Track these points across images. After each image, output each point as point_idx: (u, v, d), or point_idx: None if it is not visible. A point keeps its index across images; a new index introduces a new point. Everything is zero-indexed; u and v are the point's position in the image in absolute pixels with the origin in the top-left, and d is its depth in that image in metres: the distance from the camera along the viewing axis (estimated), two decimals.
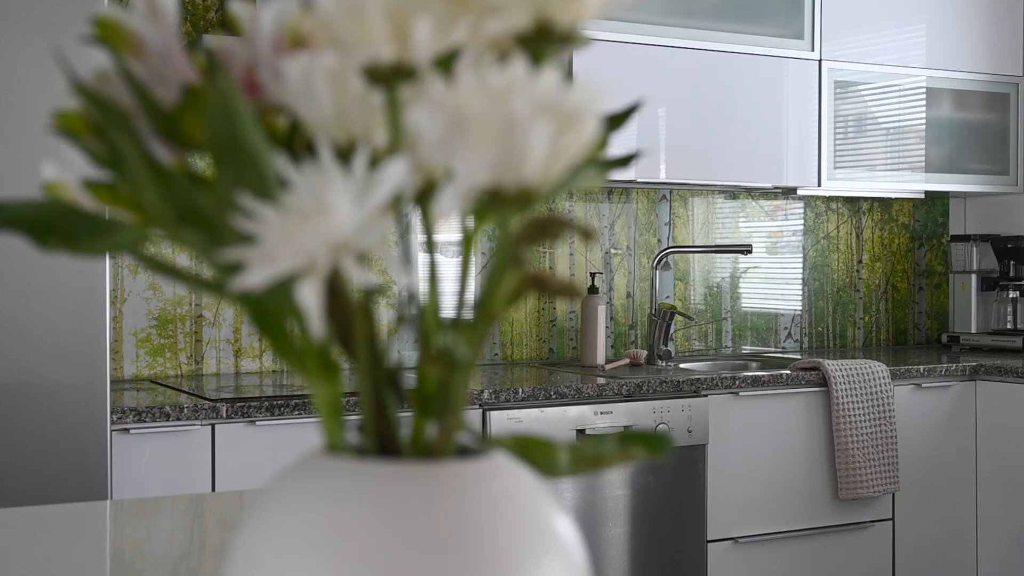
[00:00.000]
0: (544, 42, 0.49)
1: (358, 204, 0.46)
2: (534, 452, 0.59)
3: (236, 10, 0.54)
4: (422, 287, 0.55)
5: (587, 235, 0.50)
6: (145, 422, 2.64)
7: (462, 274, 0.55)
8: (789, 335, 4.52)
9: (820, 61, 4.08)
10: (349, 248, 0.46)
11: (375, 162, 0.50)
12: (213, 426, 2.74)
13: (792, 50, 4.03)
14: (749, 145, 3.95)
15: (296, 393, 2.92)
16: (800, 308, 4.55)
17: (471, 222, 0.52)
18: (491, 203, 0.48)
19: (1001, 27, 4.49)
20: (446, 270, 0.55)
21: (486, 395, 3.11)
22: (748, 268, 4.43)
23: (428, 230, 0.53)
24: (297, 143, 0.54)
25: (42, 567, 1.48)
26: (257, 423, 2.78)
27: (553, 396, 3.21)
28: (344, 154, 0.50)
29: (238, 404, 2.76)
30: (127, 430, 2.66)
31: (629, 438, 0.62)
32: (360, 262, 0.51)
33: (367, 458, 0.56)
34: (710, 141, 3.88)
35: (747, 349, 4.42)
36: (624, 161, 0.61)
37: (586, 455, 0.60)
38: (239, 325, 3.43)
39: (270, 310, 0.51)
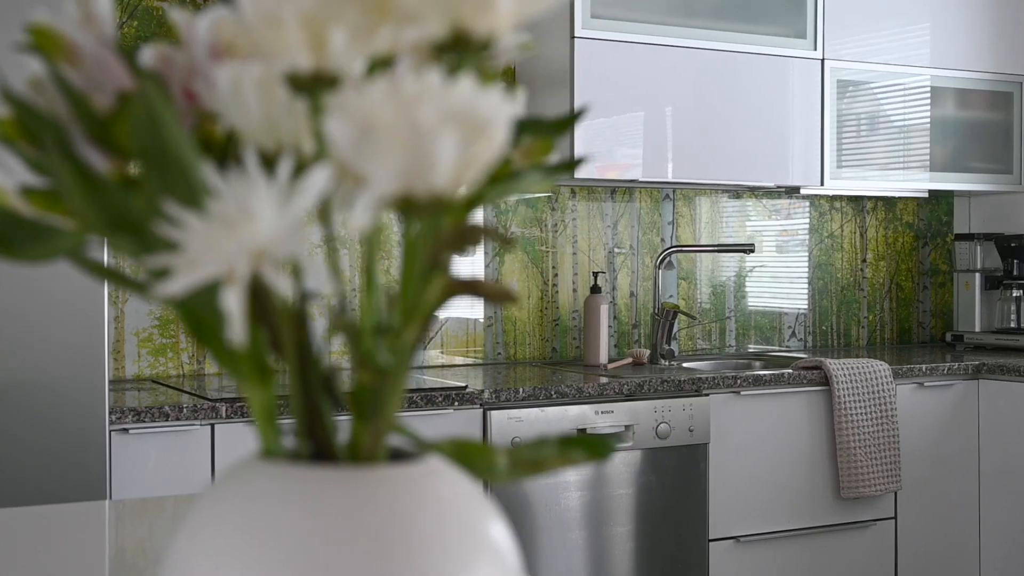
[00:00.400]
0: (462, 51, 0.49)
1: (281, 211, 0.47)
2: (472, 456, 0.59)
3: (174, 17, 0.54)
4: (353, 293, 0.55)
5: (506, 242, 0.50)
6: (144, 422, 2.65)
7: (368, 279, 0.55)
8: (793, 334, 4.52)
9: (823, 60, 4.08)
10: (269, 255, 0.47)
11: (303, 169, 0.51)
12: (212, 426, 2.75)
13: (794, 49, 4.03)
14: (752, 144, 3.95)
15: None
16: (804, 307, 4.55)
17: (378, 227, 0.52)
18: (404, 211, 0.49)
19: (1005, 26, 4.48)
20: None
21: (486, 395, 3.11)
22: (754, 267, 4.43)
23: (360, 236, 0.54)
24: (233, 151, 0.54)
25: (42, 567, 1.49)
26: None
27: (554, 396, 3.22)
28: (274, 162, 0.50)
29: (238, 404, 2.77)
30: (126, 430, 2.67)
31: (569, 442, 0.62)
32: (291, 268, 0.52)
33: (299, 463, 0.56)
34: (713, 140, 3.88)
35: (753, 348, 4.42)
36: (569, 166, 0.62)
37: (525, 459, 0.60)
38: None
39: (202, 316, 0.52)
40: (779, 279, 4.51)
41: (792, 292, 4.54)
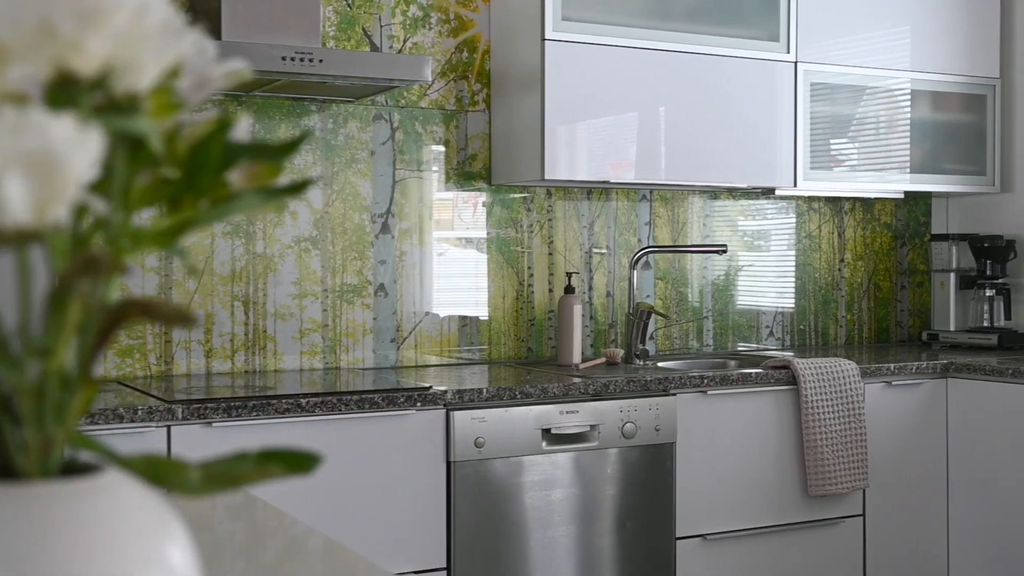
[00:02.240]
0: (72, 89, 0.54)
1: None
2: (163, 471, 0.61)
3: None
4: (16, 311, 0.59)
5: (121, 270, 0.55)
6: (99, 424, 2.70)
7: (23, 299, 0.58)
8: (771, 333, 4.57)
9: (796, 63, 4.12)
10: None
11: None
12: (168, 428, 2.80)
13: (768, 52, 4.07)
14: (726, 146, 4.00)
15: (254, 395, 2.98)
16: (783, 306, 4.60)
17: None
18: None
19: (979, 29, 4.52)
20: None
21: (449, 396, 3.17)
22: (741, 268, 4.48)
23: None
24: None
25: None
26: (214, 424, 2.85)
27: (518, 396, 3.27)
28: None
29: (194, 406, 2.82)
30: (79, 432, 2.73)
31: (269, 455, 0.64)
32: None
33: None
34: (687, 142, 3.93)
35: (741, 347, 4.47)
36: (295, 189, 0.64)
37: (220, 473, 0.62)
38: (210, 326, 3.50)
39: None
40: (758, 279, 4.55)
41: (771, 292, 4.59)
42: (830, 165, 4.23)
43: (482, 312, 3.97)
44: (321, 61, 3.12)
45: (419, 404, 3.11)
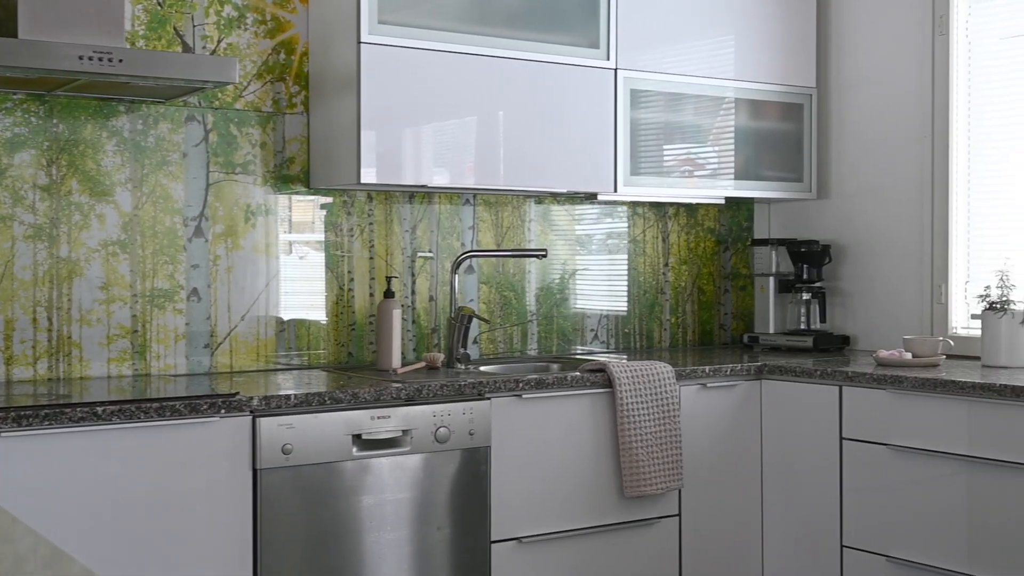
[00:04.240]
0: None
1: None
2: None
3: None
4: None
5: None
6: None
7: None
8: (596, 337, 4.61)
9: (616, 70, 4.17)
10: None
11: None
12: None
13: (588, 59, 4.11)
14: (550, 152, 4.02)
15: (49, 403, 2.90)
16: (608, 310, 4.65)
17: None
18: None
19: (796, 39, 4.63)
20: None
21: (255, 402, 3.12)
22: (570, 272, 4.51)
23: None
24: None
25: None
26: (1, 435, 2.76)
27: (328, 401, 3.24)
28: None
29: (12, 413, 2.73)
30: None
31: None
32: None
33: None
34: (508, 147, 3.95)
35: (578, 351, 4.49)
36: None
37: None
38: (10, 332, 3.40)
39: None
40: (584, 283, 4.59)
41: (597, 295, 4.63)
42: (651, 171, 4.29)
43: (300, 316, 3.92)
44: (121, 61, 3.05)
45: (224, 411, 3.06)
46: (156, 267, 3.64)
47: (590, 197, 4.42)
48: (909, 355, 3.97)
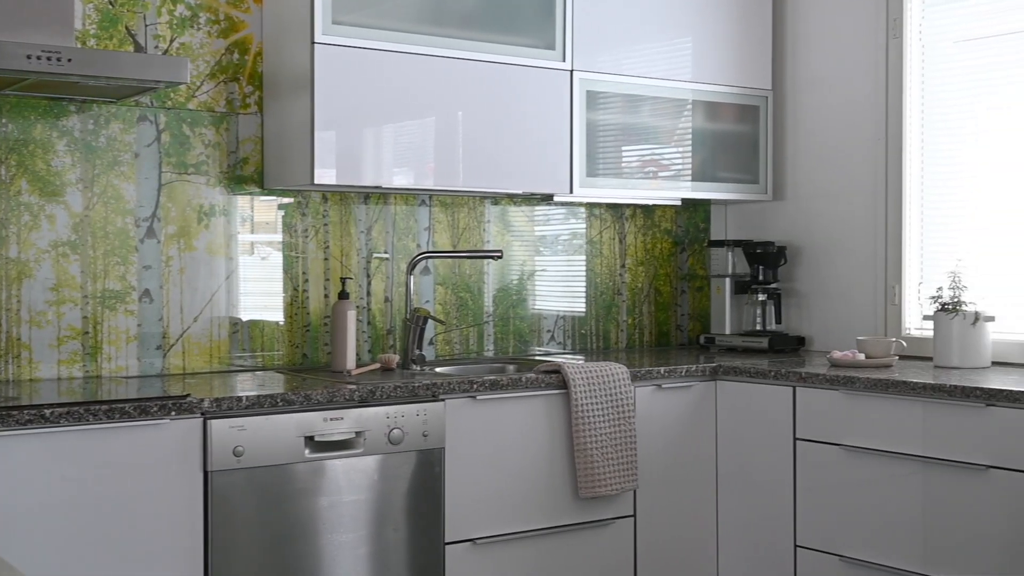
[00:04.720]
0: None
1: None
2: None
3: None
4: None
5: None
6: None
7: None
8: (553, 338, 4.61)
9: (572, 72, 4.17)
10: None
11: None
12: None
13: (543, 60, 4.11)
14: (507, 153, 4.01)
15: None
16: (564, 311, 4.65)
17: None
18: None
19: (753, 43, 4.65)
20: None
21: (207, 404, 3.10)
22: (528, 273, 4.51)
23: None
24: None
25: None
26: None
27: (280, 403, 3.22)
28: None
29: None
30: None
31: None
32: None
33: None
34: (464, 148, 3.94)
35: (538, 351, 4.49)
36: None
37: None
38: None
39: None
40: (542, 284, 4.59)
41: (554, 296, 4.63)
42: (608, 172, 4.29)
43: (255, 318, 3.90)
44: (70, 60, 3.02)
45: (174, 413, 3.04)
46: (107, 268, 3.61)
47: (547, 198, 4.42)
48: (862, 356, 3.99)
